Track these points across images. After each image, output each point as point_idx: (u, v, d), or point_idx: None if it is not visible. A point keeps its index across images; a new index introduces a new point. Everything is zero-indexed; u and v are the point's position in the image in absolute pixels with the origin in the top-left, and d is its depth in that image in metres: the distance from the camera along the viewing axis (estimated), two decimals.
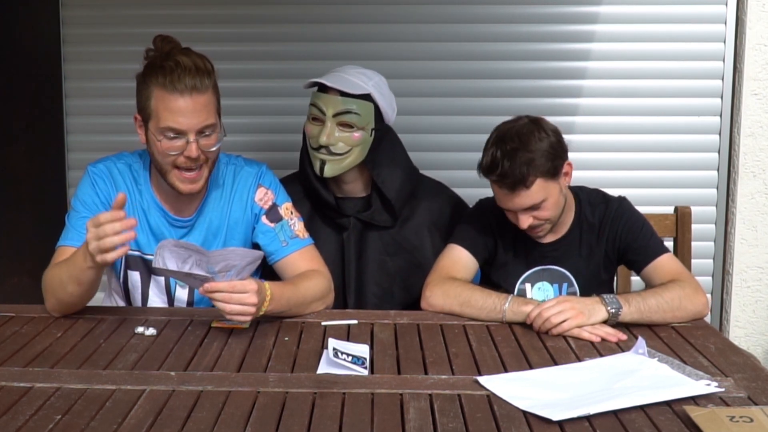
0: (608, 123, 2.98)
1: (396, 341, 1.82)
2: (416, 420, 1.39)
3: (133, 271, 2.09)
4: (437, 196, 2.40)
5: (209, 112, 1.95)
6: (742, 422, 1.32)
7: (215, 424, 1.37)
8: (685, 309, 1.97)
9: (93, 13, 2.94)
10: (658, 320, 1.95)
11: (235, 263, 1.78)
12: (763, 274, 2.96)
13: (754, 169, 2.92)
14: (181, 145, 1.93)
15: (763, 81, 2.89)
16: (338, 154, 2.20)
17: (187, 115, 1.91)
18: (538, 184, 2.03)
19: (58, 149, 2.98)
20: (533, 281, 2.19)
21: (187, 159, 1.94)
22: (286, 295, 1.91)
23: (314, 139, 2.21)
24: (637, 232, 2.14)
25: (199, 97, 1.92)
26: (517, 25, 2.95)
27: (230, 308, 1.76)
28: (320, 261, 2.12)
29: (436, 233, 2.35)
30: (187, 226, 2.08)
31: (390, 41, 2.96)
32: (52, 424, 1.36)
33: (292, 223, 2.12)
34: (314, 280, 2.03)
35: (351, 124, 2.20)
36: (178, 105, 1.91)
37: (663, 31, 2.94)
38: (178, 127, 1.91)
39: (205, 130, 1.94)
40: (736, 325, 2.99)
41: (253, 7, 2.95)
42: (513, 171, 2.00)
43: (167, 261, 1.78)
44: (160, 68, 1.91)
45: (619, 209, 2.17)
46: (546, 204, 2.06)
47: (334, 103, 2.19)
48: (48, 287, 1.93)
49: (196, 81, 1.90)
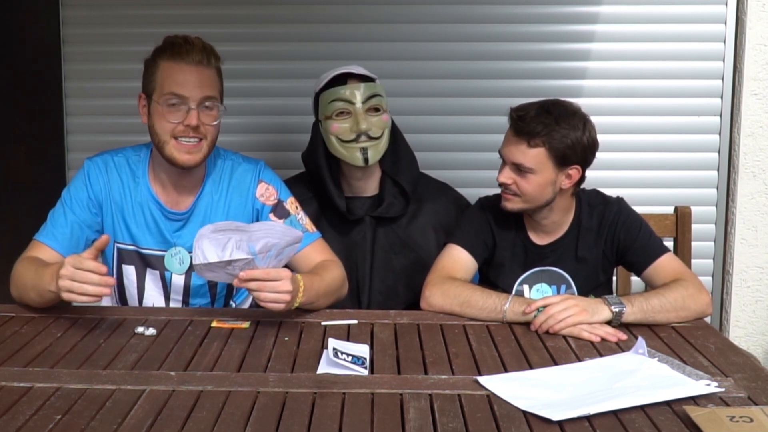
0: (608, 123, 2.98)
1: (396, 341, 1.82)
2: (416, 420, 1.39)
3: (128, 266, 2.10)
4: (442, 196, 2.42)
5: (212, 87, 2.01)
6: (742, 422, 1.32)
7: (215, 424, 1.37)
8: (688, 309, 1.96)
9: (93, 13, 2.95)
10: (662, 320, 1.94)
11: (275, 241, 1.78)
12: (763, 274, 2.96)
13: (754, 169, 2.92)
14: (182, 114, 1.97)
15: (763, 81, 2.89)
16: (376, 138, 2.25)
17: (191, 84, 1.97)
18: (538, 153, 2.03)
19: (58, 149, 2.98)
20: (531, 282, 2.19)
21: (186, 128, 1.97)
22: (315, 286, 1.92)
23: (348, 132, 2.23)
24: (636, 233, 2.13)
25: (204, 70, 1.99)
26: (517, 25, 2.95)
27: (264, 296, 1.78)
28: (331, 252, 2.15)
29: (442, 233, 2.36)
30: (182, 219, 2.10)
31: (390, 41, 2.96)
32: (52, 424, 1.36)
33: (300, 218, 2.15)
34: (334, 270, 2.05)
35: (378, 107, 2.26)
36: (184, 74, 1.97)
37: (663, 31, 2.94)
38: (181, 92, 1.96)
39: (207, 101, 1.99)
40: (736, 325, 2.99)
41: (254, 7, 2.95)
42: (531, 122, 2.02)
43: (206, 252, 1.77)
44: (170, 45, 2.00)
45: (618, 211, 2.17)
46: (532, 178, 2.05)
47: (361, 90, 2.24)
48: (14, 279, 1.96)
49: (203, 57, 1.99)
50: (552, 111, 2.05)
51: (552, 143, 2.03)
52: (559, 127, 2.03)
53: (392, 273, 2.33)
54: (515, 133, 2.05)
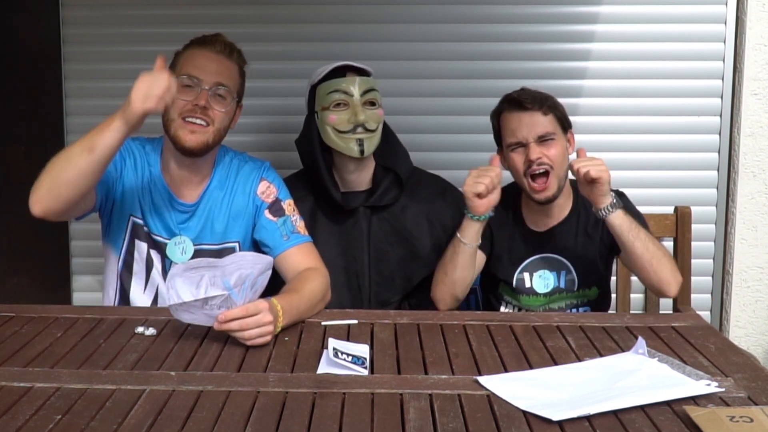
0: (608, 123, 2.98)
1: (396, 341, 1.82)
2: (416, 420, 1.39)
3: (141, 242, 2.13)
4: (434, 186, 2.45)
5: (228, 78, 2.08)
6: (742, 422, 1.32)
7: (215, 424, 1.37)
8: (663, 266, 2.05)
9: (93, 13, 2.94)
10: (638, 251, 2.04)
11: (248, 272, 1.75)
12: (763, 274, 2.96)
13: (754, 169, 2.92)
14: (194, 94, 2.03)
15: (763, 81, 2.89)
16: (372, 130, 2.27)
17: (207, 68, 2.05)
18: (552, 119, 2.16)
19: (58, 149, 2.94)
20: (532, 270, 2.23)
21: (195, 107, 2.02)
22: (295, 305, 1.89)
23: (346, 123, 2.25)
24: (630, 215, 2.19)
25: (224, 60, 2.08)
26: (517, 25, 2.95)
27: (249, 334, 1.73)
28: (318, 258, 2.14)
29: (435, 223, 2.38)
30: (189, 211, 2.13)
31: (390, 41, 2.95)
32: (52, 424, 1.36)
33: (294, 219, 2.17)
34: (315, 280, 2.03)
35: (374, 101, 2.29)
36: (203, 59, 2.06)
37: (663, 31, 2.94)
38: (196, 73, 2.02)
39: (220, 88, 2.05)
40: (736, 325, 2.98)
41: (254, 7, 2.94)
42: (532, 95, 2.17)
43: (180, 292, 1.73)
44: (200, 37, 2.11)
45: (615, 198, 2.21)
46: (554, 144, 2.14)
47: (359, 83, 2.27)
48: (48, 166, 1.91)
49: (226, 50, 2.09)
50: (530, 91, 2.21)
51: (555, 107, 2.17)
52: (550, 97, 2.19)
53: (388, 263, 2.35)
54: (525, 108, 2.15)
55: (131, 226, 2.12)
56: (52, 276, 2.99)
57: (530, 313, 2.13)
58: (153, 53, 2.95)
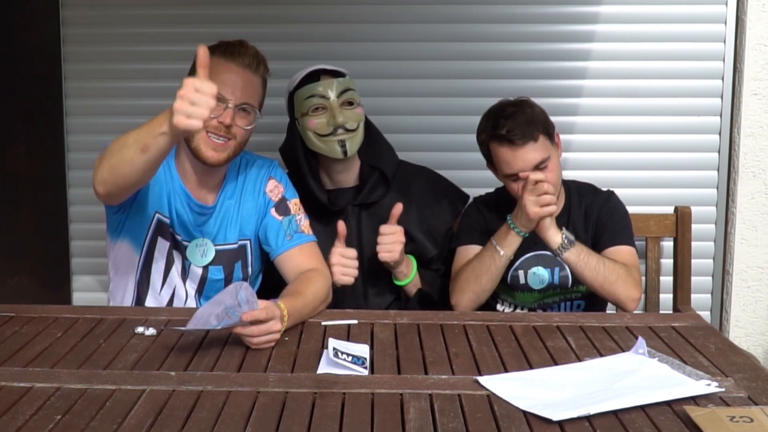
0: (608, 123, 2.98)
1: (396, 341, 1.82)
2: (416, 420, 1.39)
3: (163, 240, 2.11)
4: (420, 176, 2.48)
5: (254, 96, 2.06)
6: (742, 422, 1.32)
7: (215, 424, 1.37)
8: (615, 288, 2.10)
9: (93, 13, 2.94)
10: (588, 278, 2.09)
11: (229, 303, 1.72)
12: (763, 274, 2.96)
13: (754, 169, 2.92)
14: (219, 110, 1.98)
15: (763, 81, 2.88)
16: (352, 130, 2.28)
17: (235, 85, 2.02)
18: (542, 141, 2.15)
19: (58, 149, 2.97)
20: (526, 267, 2.27)
21: (219, 124, 2.00)
22: (299, 309, 1.90)
23: (326, 126, 2.26)
24: (615, 218, 2.25)
25: (251, 76, 2.05)
26: (517, 25, 2.95)
27: (257, 341, 1.74)
28: (320, 259, 2.15)
29: (423, 213, 2.41)
30: (207, 214, 2.13)
31: (389, 41, 2.95)
32: (52, 424, 1.36)
33: (299, 218, 2.18)
34: (317, 282, 2.04)
35: (352, 101, 2.30)
36: (230, 74, 2.02)
37: (663, 31, 2.94)
38: (222, 90, 1.94)
39: (245, 106, 2.04)
40: (736, 325, 2.98)
41: (254, 7, 2.94)
42: (518, 125, 2.14)
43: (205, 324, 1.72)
44: (226, 44, 2.06)
45: (606, 199, 2.30)
46: (550, 165, 2.16)
47: (335, 85, 2.28)
48: (108, 150, 1.88)
49: (253, 63, 2.05)
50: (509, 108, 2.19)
51: (541, 124, 2.17)
52: (528, 113, 2.17)
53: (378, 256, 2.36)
54: (520, 141, 2.13)
55: (156, 223, 2.10)
56: (52, 276, 2.99)
57: (530, 313, 2.15)
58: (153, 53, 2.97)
